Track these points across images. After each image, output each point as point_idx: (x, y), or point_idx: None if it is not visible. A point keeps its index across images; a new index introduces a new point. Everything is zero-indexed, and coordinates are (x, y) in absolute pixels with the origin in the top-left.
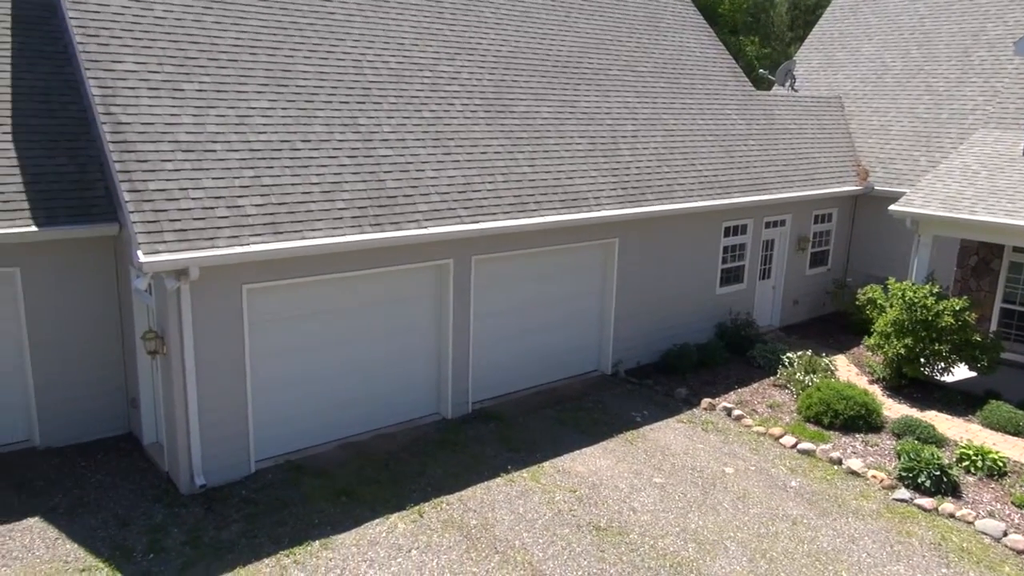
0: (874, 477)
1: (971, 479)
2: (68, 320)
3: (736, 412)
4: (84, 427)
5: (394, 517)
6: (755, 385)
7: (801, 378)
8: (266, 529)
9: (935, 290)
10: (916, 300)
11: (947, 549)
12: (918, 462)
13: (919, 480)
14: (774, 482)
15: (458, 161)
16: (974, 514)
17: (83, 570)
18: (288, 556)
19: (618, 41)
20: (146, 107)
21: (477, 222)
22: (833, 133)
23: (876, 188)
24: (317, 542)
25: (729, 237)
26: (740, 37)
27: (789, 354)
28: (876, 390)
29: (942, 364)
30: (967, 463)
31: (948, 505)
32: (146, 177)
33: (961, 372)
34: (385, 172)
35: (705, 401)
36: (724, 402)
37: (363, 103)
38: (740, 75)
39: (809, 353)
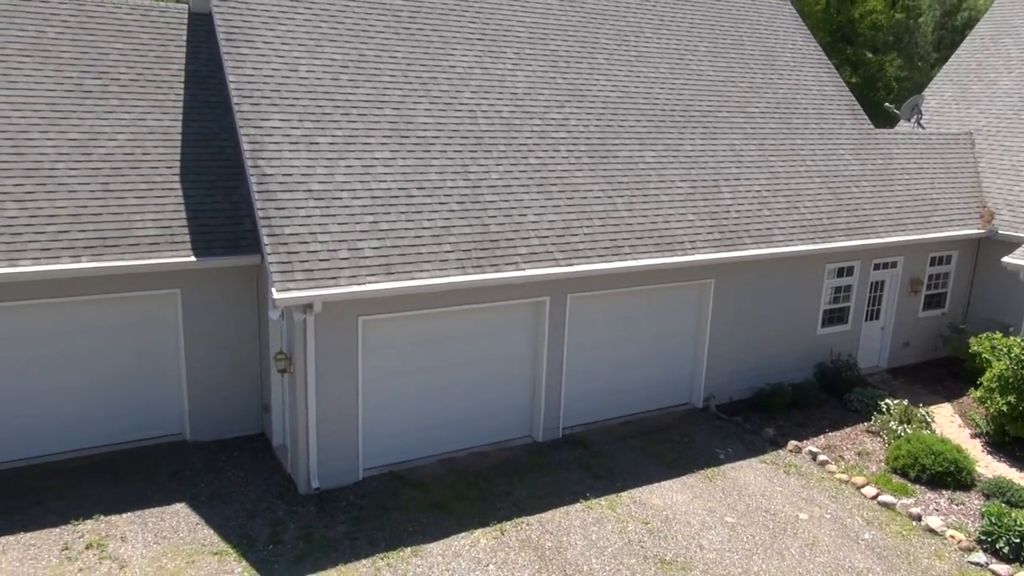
0: (952, 537)
1: None
2: (217, 333)
3: (821, 457)
4: (225, 425)
5: (478, 532)
6: (847, 430)
7: (895, 427)
8: (367, 533)
9: None
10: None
11: None
12: (999, 526)
13: (997, 545)
14: (847, 532)
15: (559, 206)
16: None
17: (216, 554)
18: (383, 559)
19: (731, 81)
20: (287, 160)
21: (572, 265)
22: (958, 172)
23: (1000, 232)
24: (409, 549)
25: (833, 279)
26: (881, 56)
27: (887, 400)
28: (976, 445)
29: None
30: None
31: None
32: (283, 223)
33: None
34: (490, 217)
35: (791, 443)
36: (811, 446)
37: (475, 152)
38: (859, 113)
39: (905, 402)
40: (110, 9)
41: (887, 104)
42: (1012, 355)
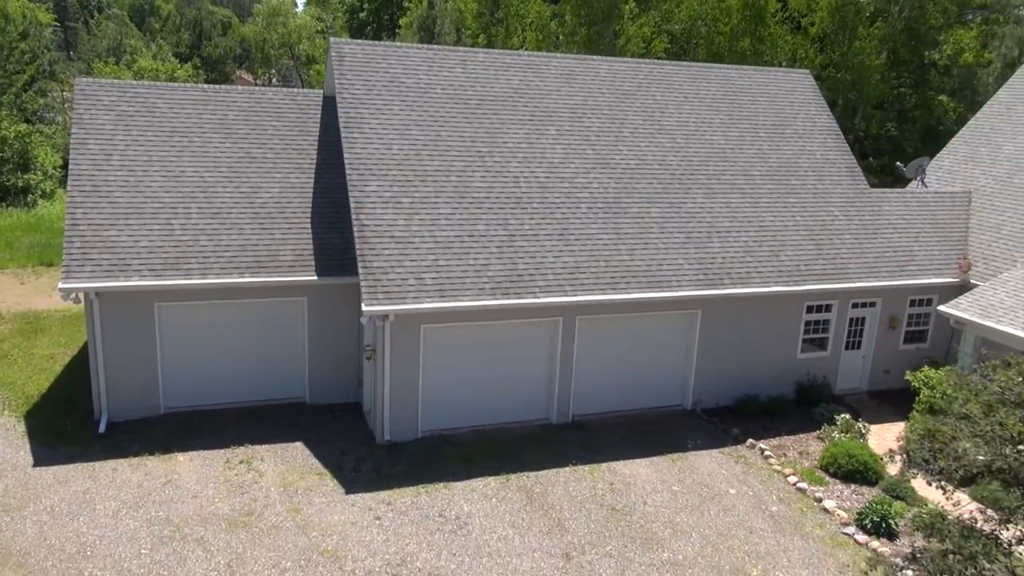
0: (838, 515)
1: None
2: (330, 329)
3: (767, 452)
4: (332, 394)
5: (491, 478)
6: (801, 435)
7: (835, 436)
8: (416, 472)
9: (952, 380)
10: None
11: (853, 572)
12: (870, 509)
13: (865, 522)
14: (759, 504)
15: (574, 250)
16: (889, 551)
17: (318, 474)
18: (423, 488)
19: (739, 149)
20: (379, 215)
21: (577, 295)
22: (946, 228)
23: (972, 282)
24: (441, 484)
25: (812, 313)
26: (955, 101)
27: (843, 415)
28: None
29: None
30: (918, 520)
31: (877, 543)
32: (372, 259)
33: None
34: (519, 258)
35: (749, 440)
36: (763, 444)
37: (514, 209)
38: (857, 174)
39: (848, 416)
40: (270, 96)
41: (897, 164)
42: (931, 386)
